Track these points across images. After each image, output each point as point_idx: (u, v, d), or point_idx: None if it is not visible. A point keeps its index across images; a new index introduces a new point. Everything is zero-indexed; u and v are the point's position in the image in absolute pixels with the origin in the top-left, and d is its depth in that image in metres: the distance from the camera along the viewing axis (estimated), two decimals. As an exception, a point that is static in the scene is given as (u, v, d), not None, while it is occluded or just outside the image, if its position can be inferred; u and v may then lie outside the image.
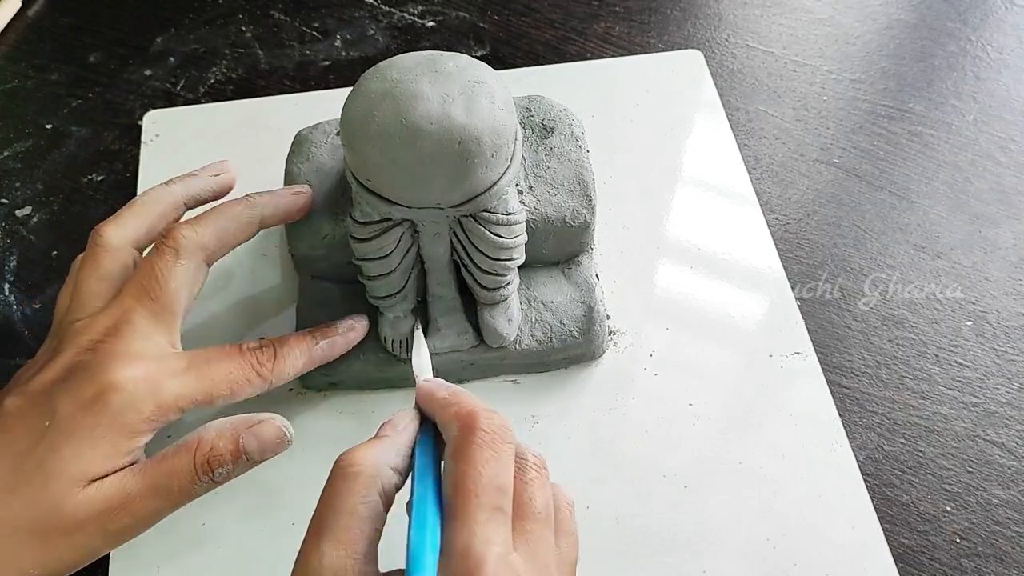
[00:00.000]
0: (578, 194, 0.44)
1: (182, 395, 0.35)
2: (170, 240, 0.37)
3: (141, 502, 0.34)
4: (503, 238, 0.40)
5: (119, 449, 0.34)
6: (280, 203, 0.41)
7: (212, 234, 0.38)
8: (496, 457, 0.30)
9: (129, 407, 0.34)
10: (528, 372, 0.46)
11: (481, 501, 0.28)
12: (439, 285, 0.43)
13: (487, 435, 0.30)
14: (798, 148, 0.55)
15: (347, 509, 0.29)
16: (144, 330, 0.36)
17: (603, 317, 0.45)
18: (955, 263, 0.50)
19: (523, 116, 0.46)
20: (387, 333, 0.43)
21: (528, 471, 0.31)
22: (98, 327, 0.35)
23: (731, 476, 0.42)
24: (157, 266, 0.37)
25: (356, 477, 0.30)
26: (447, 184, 0.37)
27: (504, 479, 0.30)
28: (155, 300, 0.36)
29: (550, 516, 0.31)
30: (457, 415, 0.31)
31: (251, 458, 0.36)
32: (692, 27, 0.62)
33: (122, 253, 0.38)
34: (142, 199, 0.40)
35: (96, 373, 0.34)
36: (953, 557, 0.41)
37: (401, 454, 0.32)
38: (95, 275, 0.38)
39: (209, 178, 0.42)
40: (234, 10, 0.63)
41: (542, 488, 0.31)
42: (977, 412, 0.45)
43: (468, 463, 0.29)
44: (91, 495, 0.33)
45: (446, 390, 0.33)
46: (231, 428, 0.36)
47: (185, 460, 0.35)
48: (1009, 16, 0.62)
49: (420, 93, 0.36)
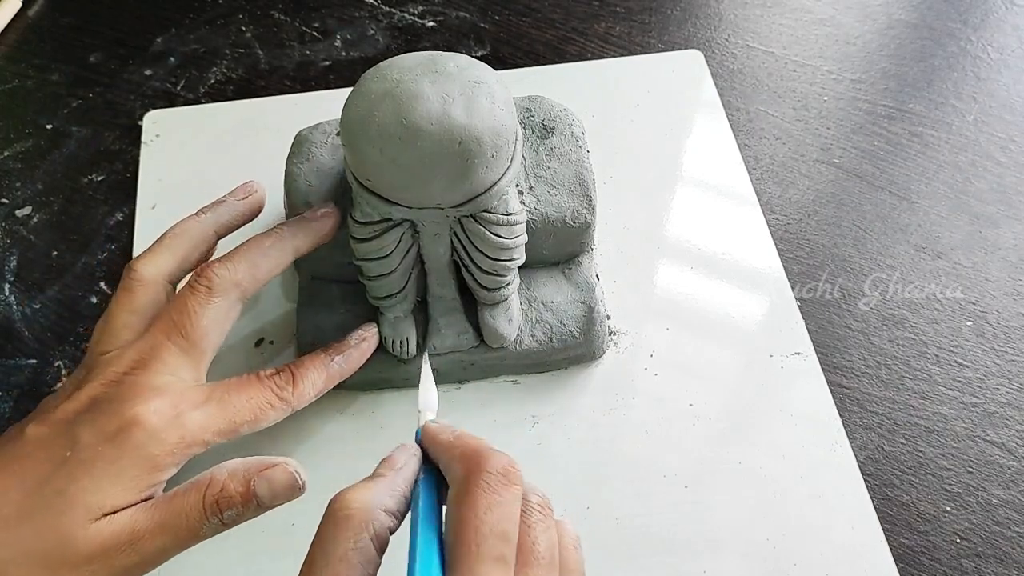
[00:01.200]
0: (578, 194, 0.44)
1: (205, 426, 0.35)
2: (204, 278, 0.37)
3: (149, 539, 0.33)
4: (503, 238, 0.40)
5: (139, 483, 0.33)
6: (310, 230, 0.41)
7: (244, 270, 0.38)
8: (501, 503, 0.28)
9: (152, 440, 0.33)
10: (528, 372, 0.46)
11: (482, 551, 0.27)
12: (439, 285, 0.43)
13: (492, 477, 0.29)
14: (798, 148, 0.55)
15: (338, 555, 0.28)
16: (172, 365, 0.36)
17: (603, 317, 0.45)
18: (955, 263, 0.50)
19: (523, 116, 0.46)
20: (387, 333, 0.43)
21: (532, 514, 0.30)
22: (126, 360, 0.35)
23: (731, 476, 0.42)
24: (190, 303, 0.37)
25: (347, 521, 0.29)
26: (447, 184, 0.37)
27: (507, 525, 0.28)
28: (185, 337, 0.36)
29: (554, 559, 0.30)
30: (462, 455, 0.30)
31: (262, 503, 0.35)
32: (692, 27, 0.62)
33: (155, 287, 0.38)
34: (173, 231, 0.40)
35: (120, 406, 0.34)
36: (953, 557, 0.41)
37: (397, 495, 0.30)
38: (127, 308, 0.37)
39: (238, 202, 0.42)
40: (234, 10, 0.63)
41: (546, 531, 0.30)
42: (977, 412, 0.45)
43: (471, 509, 0.28)
44: (101, 529, 0.32)
45: (451, 433, 0.32)
46: (244, 469, 0.35)
47: (195, 499, 0.34)
48: (1009, 16, 0.62)
49: (420, 93, 0.36)
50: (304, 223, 0.41)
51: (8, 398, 0.45)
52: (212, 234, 0.41)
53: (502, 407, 0.45)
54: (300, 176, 0.44)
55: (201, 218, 0.41)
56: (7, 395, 0.46)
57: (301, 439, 0.43)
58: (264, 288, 0.48)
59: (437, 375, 0.45)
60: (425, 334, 0.43)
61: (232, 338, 0.47)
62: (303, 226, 0.40)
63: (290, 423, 0.41)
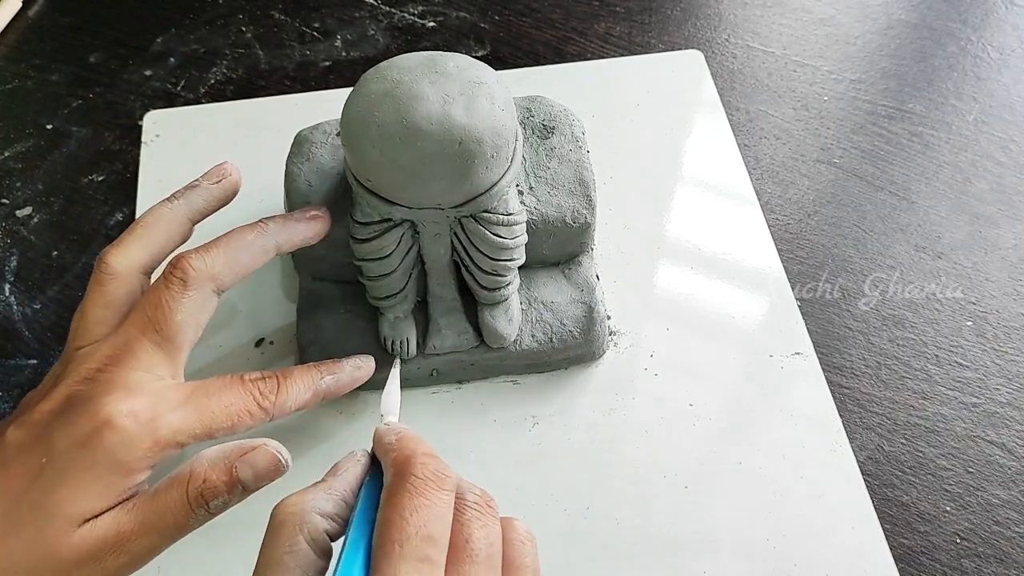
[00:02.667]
0: (578, 195, 0.44)
1: (180, 429, 0.34)
2: (178, 270, 0.36)
3: (136, 540, 0.33)
4: (504, 238, 0.40)
5: (114, 489, 0.33)
6: (295, 229, 0.39)
7: (223, 263, 0.37)
8: (428, 505, 0.28)
9: (124, 445, 0.33)
10: (528, 372, 0.46)
11: (404, 551, 0.27)
12: (439, 285, 0.43)
13: (419, 481, 0.29)
14: (798, 148, 0.55)
15: (273, 560, 0.28)
16: (146, 362, 0.35)
17: (603, 317, 0.45)
18: (955, 263, 0.50)
19: (524, 116, 0.46)
20: (387, 333, 0.43)
21: (466, 511, 0.30)
22: (99, 356, 0.35)
23: (731, 476, 0.42)
24: (164, 296, 0.35)
25: (281, 526, 0.29)
26: (447, 185, 0.37)
27: (434, 527, 0.28)
28: (159, 331, 0.35)
29: (493, 556, 0.29)
30: (395, 460, 0.30)
31: (247, 487, 0.34)
32: (692, 27, 0.62)
33: (128, 279, 0.37)
34: (144, 220, 0.38)
35: (92, 407, 0.33)
36: (953, 557, 0.41)
37: (335, 498, 0.30)
38: (100, 302, 0.37)
39: (211, 186, 0.40)
40: (234, 10, 0.63)
41: (483, 528, 0.29)
42: (977, 412, 0.45)
43: (395, 511, 0.28)
44: (85, 535, 0.32)
45: (395, 434, 0.31)
46: (224, 457, 0.34)
47: (177, 494, 0.33)
48: (1009, 16, 0.62)
49: (421, 93, 0.36)
50: (290, 221, 0.39)
51: (8, 398, 0.45)
52: (186, 221, 0.39)
53: (502, 407, 0.45)
54: (300, 176, 0.44)
55: (174, 204, 0.39)
56: (7, 395, 0.46)
57: (297, 437, 0.43)
58: (262, 288, 0.48)
59: (438, 375, 0.45)
60: (425, 334, 0.43)
61: (233, 338, 0.47)
62: (289, 224, 0.39)
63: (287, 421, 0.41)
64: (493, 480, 0.35)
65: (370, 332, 0.43)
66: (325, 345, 0.43)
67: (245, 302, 0.48)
